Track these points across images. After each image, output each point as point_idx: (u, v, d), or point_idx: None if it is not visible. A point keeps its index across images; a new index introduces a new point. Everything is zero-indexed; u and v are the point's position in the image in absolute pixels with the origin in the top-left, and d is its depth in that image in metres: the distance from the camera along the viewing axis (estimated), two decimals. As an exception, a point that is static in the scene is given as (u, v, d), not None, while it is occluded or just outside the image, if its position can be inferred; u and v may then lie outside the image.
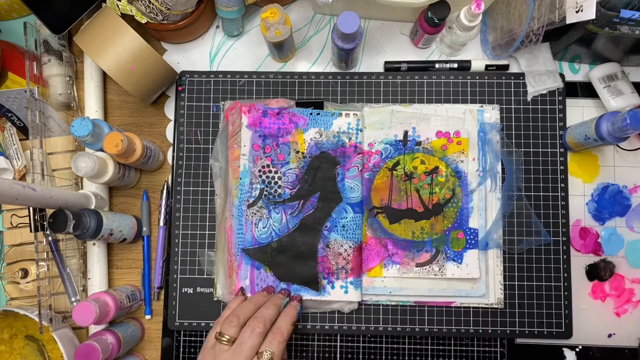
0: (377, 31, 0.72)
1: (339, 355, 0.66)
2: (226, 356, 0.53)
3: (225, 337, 0.54)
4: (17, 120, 0.68)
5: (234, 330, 0.54)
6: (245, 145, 0.66)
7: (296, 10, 0.72)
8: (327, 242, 0.64)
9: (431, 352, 0.66)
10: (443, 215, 0.66)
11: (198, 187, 0.68)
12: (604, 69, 0.67)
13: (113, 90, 0.72)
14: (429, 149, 0.67)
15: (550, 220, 0.67)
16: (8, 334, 0.64)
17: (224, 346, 0.54)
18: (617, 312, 0.67)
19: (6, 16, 0.73)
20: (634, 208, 0.68)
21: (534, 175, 0.67)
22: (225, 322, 0.55)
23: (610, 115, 0.59)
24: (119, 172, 0.64)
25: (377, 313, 0.66)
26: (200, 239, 0.68)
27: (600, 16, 0.56)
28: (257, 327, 0.54)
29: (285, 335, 0.55)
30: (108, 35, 0.61)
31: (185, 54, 0.72)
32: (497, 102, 0.68)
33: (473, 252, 0.65)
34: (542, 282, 0.66)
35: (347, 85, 0.70)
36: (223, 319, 0.57)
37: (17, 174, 0.68)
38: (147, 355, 0.68)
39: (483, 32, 0.71)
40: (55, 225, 0.56)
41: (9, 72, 0.70)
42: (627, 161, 0.69)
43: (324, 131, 0.66)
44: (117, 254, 0.70)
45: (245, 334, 0.54)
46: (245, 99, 0.69)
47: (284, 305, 0.60)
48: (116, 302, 0.61)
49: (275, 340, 0.54)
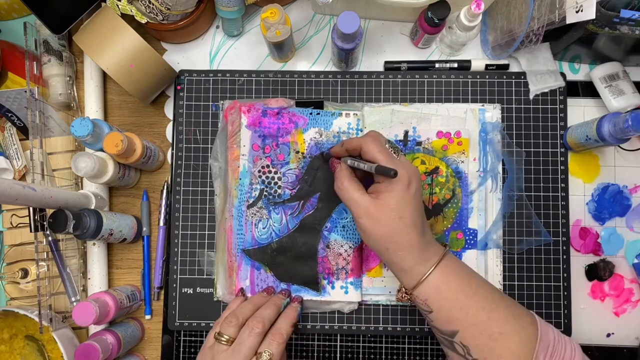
0: (377, 31, 0.71)
1: (339, 355, 0.66)
2: (224, 356, 0.53)
3: (224, 337, 0.54)
4: (17, 120, 0.68)
5: (232, 330, 0.54)
6: (245, 146, 0.66)
7: (296, 10, 0.72)
8: (327, 242, 0.64)
9: (431, 352, 0.66)
10: (443, 216, 0.66)
11: (197, 187, 0.68)
12: (605, 69, 0.67)
13: (113, 90, 0.72)
14: (429, 149, 0.67)
15: (550, 220, 0.67)
16: (8, 334, 0.65)
17: (222, 346, 0.54)
18: (616, 312, 0.67)
19: (6, 16, 0.73)
20: (634, 208, 0.68)
21: (534, 175, 0.67)
22: (224, 322, 0.55)
23: (612, 117, 0.59)
24: (119, 172, 0.64)
25: (377, 313, 0.66)
26: (200, 239, 0.68)
27: (600, 16, 0.56)
28: (256, 327, 0.54)
29: (285, 336, 0.55)
30: (108, 34, 0.61)
31: (185, 54, 0.72)
32: (498, 101, 0.68)
33: (472, 252, 0.65)
34: (542, 282, 0.66)
35: (347, 85, 0.70)
36: (222, 319, 0.58)
37: (17, 174, 0.68)
38: (147, 355, 0.69)
39: (483, 32, 0.71)
40: (55, 225, 0.56)
41: (9, 72, 0.70)
42: (628, 161, 0.69)
43: (324, 131, 0.66)
44: (117, 254, 0.70)
45: (244, 334, 0.54)
46: (245, 99, 0.69)
47: (284, 306, 0.61)
48: (116, 302, 0.62)
49: (274, 341, 0.54)
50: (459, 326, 0.50)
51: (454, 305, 0.50)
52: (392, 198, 0.50)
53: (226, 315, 0.57)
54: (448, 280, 0.51)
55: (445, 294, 0.50)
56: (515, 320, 0.50)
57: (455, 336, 0.50)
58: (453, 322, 0.50)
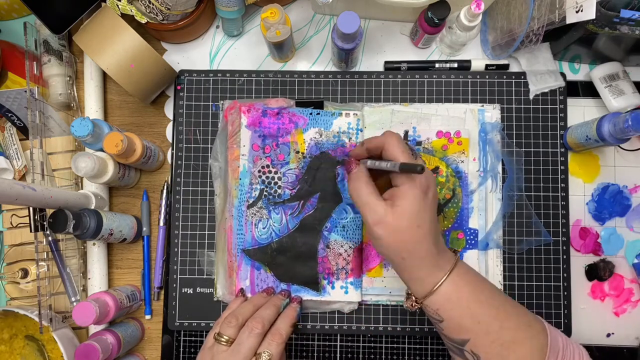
0: (377, 31, 0.71)
1: (339, 355, 0.66)
2: (224, 356, 0.53)
3: (224, 337, 0.54)
4: (17, 120, 0.68)
5: (232, 330, 0.54)
6: (245, 146, 0.66)
7: (296, 10, 0.72)
8: (327, 242, 0.64)
9: (431, 352, 0.66)
10: (443, 216, 0.66)
11: (197, 187, 0.68)
12: (605, 69, 0.67)
13: (113, 90, 0.72)
14: (429, 149, 0.67)
15: (550, 220, 0.67)
16: (8, 334, 0.65)
17: (222, 346, 0.54)
18: (616, 312, 0.67)
19: (6, 16, 0.73)
20: (634, 208, 0.68)
21: (534, 175, 0.67)
22: (224, 322, 0.55)
23: (612, 117, 0.59)
24: (119, 172, 0.64)
25: (377, 313, 0.66)
26: (200, 239, 0.68)
27: (600, 16, 0.56)
28: (256, 327, 0.54)
29: (284, 336, 0.55)
30: (107, 34, 0.61)
31: (185, 54, 0.72)
32: (498, 101, 0.68)
33: (473, 252, 0.65)
34: (542, 282, 0.66)
35: (347, 85, 0.70)
36: (222, 319, 0.58)
37: (17, 174, 0.68)
38: (147, 355, 0.69)
39: (483, 32, 0.71)
40: (55, 225, 0.56)
41: (9, 72, 0.70)
42: (628, 161, 0.69)
43: (324, 131, 0.66)
44: (117, 254, 0.70)
45: (243, 335, 0.54)
46: (245, 99, 0.69)
47: (284, 306, 0.61)
48: (116, 302, 0.62)
49: (274, 341, 0.54)
50: (469, 335, 0.49)
51: (465, 314, 0.49)
52: (410, 206, 0.48)
53: (226, 316, 0.57)
54: (460, 289, 0.49)
55: (456, 303, 0.49)
56: (526, 328, 0.49)
57: (466, 344, 0.49)
58: (464, 331, 0.49)
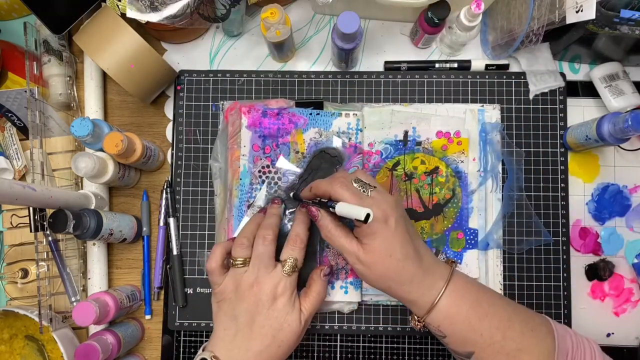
0: (377, 31, 0.71)
1: (339, 355, 0.66)
2: (248, 274, 0.52)
3: (239, 259, 0.53)
4: (17, 120, 0.68)
5: (246, 251, 0.54)
6: (245, 146, 0.66)
7: (296, 10, 0.72)
8: (327, 242, 0.64)
9: (431, 352, 0.66)
10: (443, 216, 0.66)
11: (197, 187, 0.68)
12: (605, 69, 0.67)
13: (113, 90, 0.72)
14: (429, 149, 0.67)
15: (550, 220, 0.67)
16: (8, 334, 0.65)
17: (241, 268, 0.53)
18: (616, 312, 0.67)
19: (6, 16, 0.73)
20: (633, 208, 0.68)
21: (534, 175, 0.67)
22: (235, 247, 0.54)
23: (612, 117, 0.59)
24: (119, 172, 0.64)
25: (377, 313, 0.66)
26: (200, 239, 0.68)
27: (600, 16, 0.56)
28: (267, 234, 0.54)
29: (304, 239, 0.55)
30: (108, 34, 0.61)
31: (185, 54, 0.72)
32: (498, 101, 0.68)
33: (473, 253, 0.65)
34: (542, 282, 0.66)
35: (347, 85, 0.70)
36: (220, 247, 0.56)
37: (17, 174, 0.68)
38: (147, 355, 0.69)
39: (483, 32, 0.71)
40: (55, 225, 0.56)
41: (9, 72, 0.70)
42: (628, 161, 0.69)
43: (324, 131, 0.66)
44: (117, 254, 0.70)
45: (258, 247, 0.53)
46: (245, 99, 0.69)
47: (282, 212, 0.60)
48: (116, 302, 0.62)
49: (296, 246, 0.54)
50: (474, 347, 0.49)
51: (467, 328, 0.49)
52: (375, 240, 0.49)
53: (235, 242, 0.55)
54: (457, 304, 0.50)
55: (456, 318, 0.50)
56: (531, 333, 0.49)
57: (472, 356, 0.50)
58: (468, 344, 0.49)
